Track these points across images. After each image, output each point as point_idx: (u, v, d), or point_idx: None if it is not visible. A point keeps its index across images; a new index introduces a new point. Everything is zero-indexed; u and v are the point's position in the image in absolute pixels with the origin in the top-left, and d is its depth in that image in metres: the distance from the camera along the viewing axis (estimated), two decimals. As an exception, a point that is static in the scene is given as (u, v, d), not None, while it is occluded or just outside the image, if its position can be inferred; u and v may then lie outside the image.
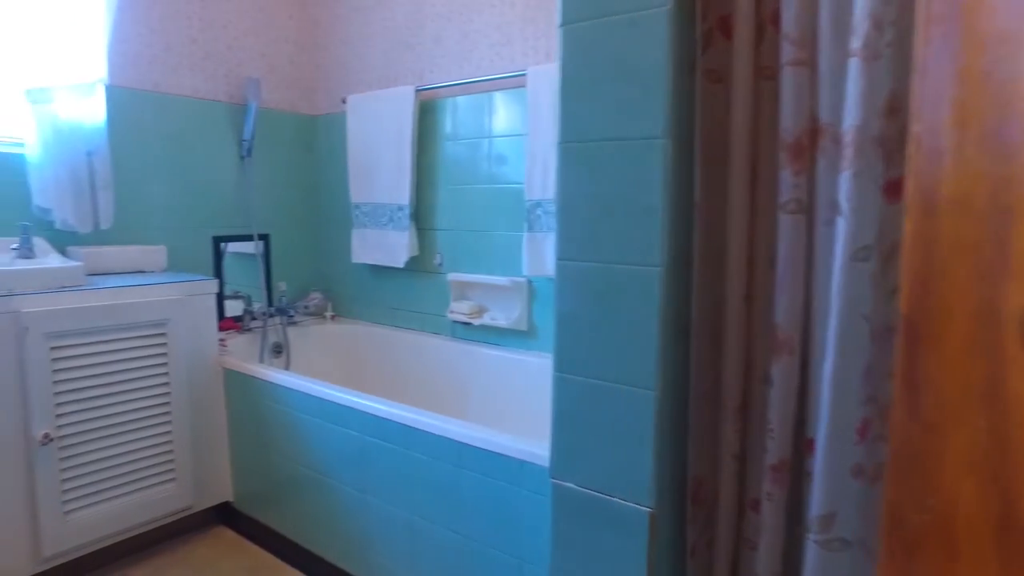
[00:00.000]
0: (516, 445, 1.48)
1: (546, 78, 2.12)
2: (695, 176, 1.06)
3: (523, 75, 2.18)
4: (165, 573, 2.04)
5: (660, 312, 1.03)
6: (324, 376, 2.15)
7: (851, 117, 0.88)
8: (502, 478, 1.50)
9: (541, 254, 2.17)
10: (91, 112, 2.24)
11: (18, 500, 1.82)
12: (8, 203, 2.15)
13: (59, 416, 1.87)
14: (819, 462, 0.96)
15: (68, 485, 1.90)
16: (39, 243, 2.13)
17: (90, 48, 2.21)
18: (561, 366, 1.16)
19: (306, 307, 2.89)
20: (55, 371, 1.85)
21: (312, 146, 3.02)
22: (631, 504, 1.09)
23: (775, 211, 1.00)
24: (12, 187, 2.16)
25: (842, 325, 0.92)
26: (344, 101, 2.73)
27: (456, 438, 1.58)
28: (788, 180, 0.96)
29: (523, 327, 2.32)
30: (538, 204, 2.17)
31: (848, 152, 0.88)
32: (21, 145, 2.17)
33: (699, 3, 1.03)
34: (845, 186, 0.90)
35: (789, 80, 0.94)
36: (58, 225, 2.21)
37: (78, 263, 2.01)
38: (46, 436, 1.83)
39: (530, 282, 2.31)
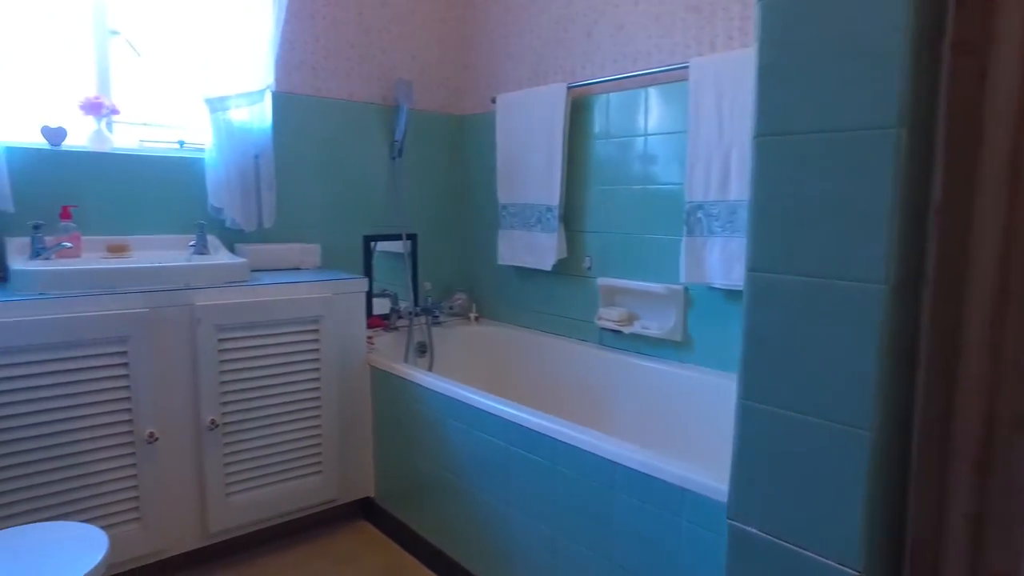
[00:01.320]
0: (676, 470, 1.34)
1: (711, 70, 1.95)
2: (935, 174, 0.87)
3: (685, 67, 2.02)
4: (311, 562, 2.09)
5: (881, 337, 0.85)
6: (466, 378, 2.11)
7: None
8: (659, 505, 1.36)
9: (701, 261, 2.00)
10: (259, 117, 2.36)
11: (191, 479, 1.94)
12: (190, 203, 2.32)
13: (223, 404, 1.96)
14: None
15: (229, 469, 1.99)
16: (212, 240, 2.27)
17: (260, 58, 2.32)
18: (749, 393, 1.00)
19: (451, 307, 2.89)
20: (221, 361, 1.95)
21: (460, 146, 3.02)
22: (832, 563, 0.92)
23: (1046, 217, 0.79)
24: (193, 188, 2.32)
25: None
26: (493, 100, 2.70)
27: (609, 456, 1.47)
28: (1073, 178, 0.75)
29: (677, 337, 2.16)
30: (699, 206, 2.00)
31: None
32: (203, 150, 2.33)
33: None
34: None
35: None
36: (228, 224, 2.34)
37: (243, 260, 2.11)
38: (212, 422, 1.93)
39: (686, 290, 2.14)
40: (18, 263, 1.86)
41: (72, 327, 1.71)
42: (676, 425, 2.11)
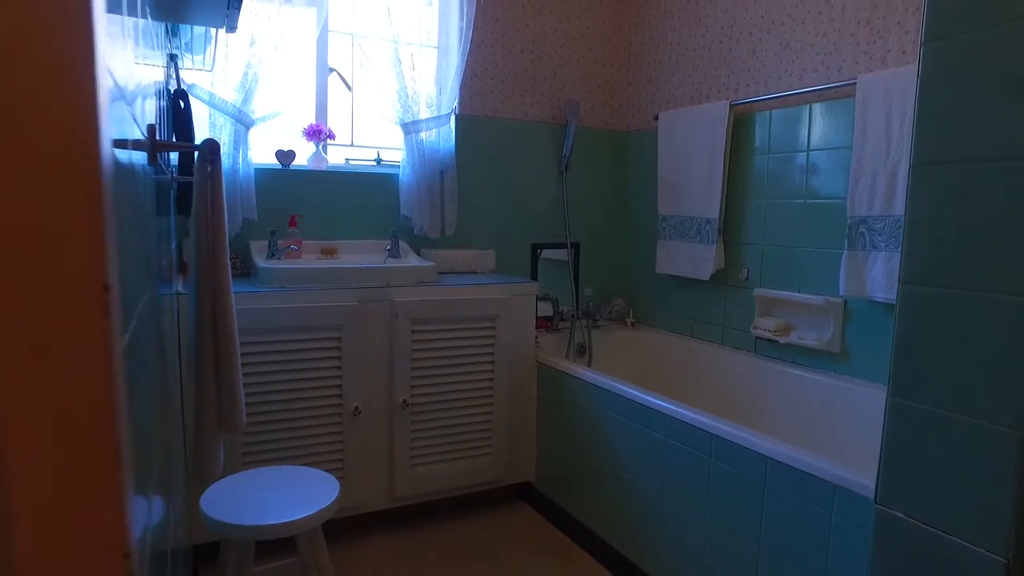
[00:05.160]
0: (830, 468, 1.44)
1: (880, 85, 1.98)
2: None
3: (852, 84, 2.06)
4: (478, 534, 2.35)
5: (1034, 347, 0.93)
6: (621, 378, 2.28)
7: None
8: (812, 500, 1.46)
9: (862, 274, 2.03)
10: (445, 138, 2.70)
11: (383, 449, 2.28)
12: (386, 212, 2.70)
13: (413, 387, 2.29)
14: None
15: (415, 444, 2.31)
16: (403, 245, 2.62)
17: (447, 86, 2.66)
18: (898, 391, 1.10)
19: (609, 312, 3.08)
20: (413, 350, 2.27)
21: (622, 161, 3.20)
22: (979, 550, 0.99)
23: None
24: (389, 200, 2.70)
25: None
26: (656, 117, 2.85)
27: (764, 452, 1.58)
28: None
29: (835, 349, 2.19)
30: (862, 221, 2.03)
31: None
32: (397, 167, 2.70)
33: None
34: None
35: None
36: (416, 231, 2.70)
37: (432, 263, 2.44)
38: (404, 402, 2.26)
39: (846, 303, 2.17)
40: (261, 261, 2.31)
41: (301, 314, 2.10)
42: (829, 434, 2.14)
